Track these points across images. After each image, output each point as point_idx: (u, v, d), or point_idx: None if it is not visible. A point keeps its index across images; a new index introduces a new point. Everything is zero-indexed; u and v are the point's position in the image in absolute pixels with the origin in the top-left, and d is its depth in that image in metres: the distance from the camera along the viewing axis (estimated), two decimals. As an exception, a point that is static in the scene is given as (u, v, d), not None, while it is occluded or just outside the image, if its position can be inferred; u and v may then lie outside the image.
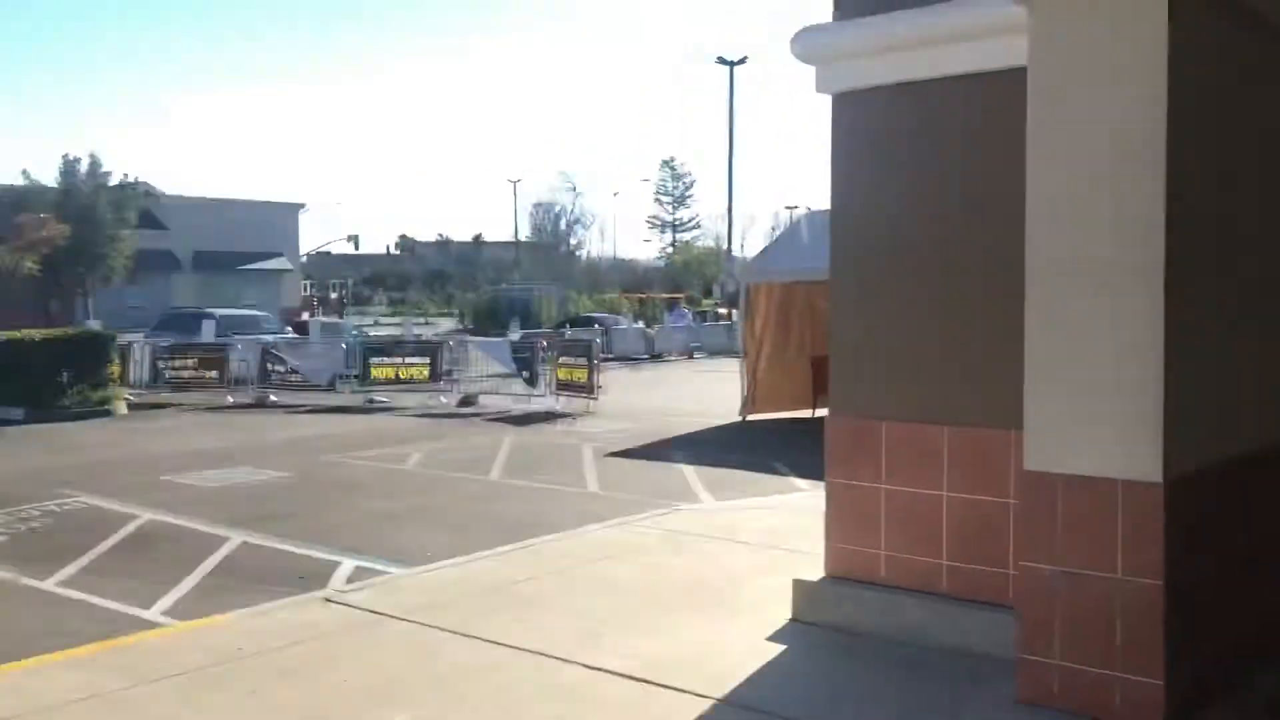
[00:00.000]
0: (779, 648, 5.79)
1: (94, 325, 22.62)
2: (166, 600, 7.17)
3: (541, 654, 5.68)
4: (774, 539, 8.18)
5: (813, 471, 9.73)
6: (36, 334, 19.65)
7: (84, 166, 39.61)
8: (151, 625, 6.66)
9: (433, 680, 5.34)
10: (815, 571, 6.34)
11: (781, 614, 6.28)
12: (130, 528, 9.45)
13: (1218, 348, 4.35)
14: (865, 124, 6.21)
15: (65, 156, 39.80)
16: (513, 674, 5.42)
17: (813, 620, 6.16)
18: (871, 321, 6.19)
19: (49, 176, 39.31)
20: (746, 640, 5.88)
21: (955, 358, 5.86)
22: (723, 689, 5.14)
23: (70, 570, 7.99)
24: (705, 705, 4.96)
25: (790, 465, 12.33)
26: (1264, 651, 4.81)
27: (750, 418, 17.13)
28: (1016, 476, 5.59)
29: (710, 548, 8.04)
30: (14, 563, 8.21)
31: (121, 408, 19.37)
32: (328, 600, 6.81)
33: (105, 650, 6.02)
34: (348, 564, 8.10)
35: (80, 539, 8.96)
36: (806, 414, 17.01)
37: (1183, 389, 4.06)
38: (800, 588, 6.28)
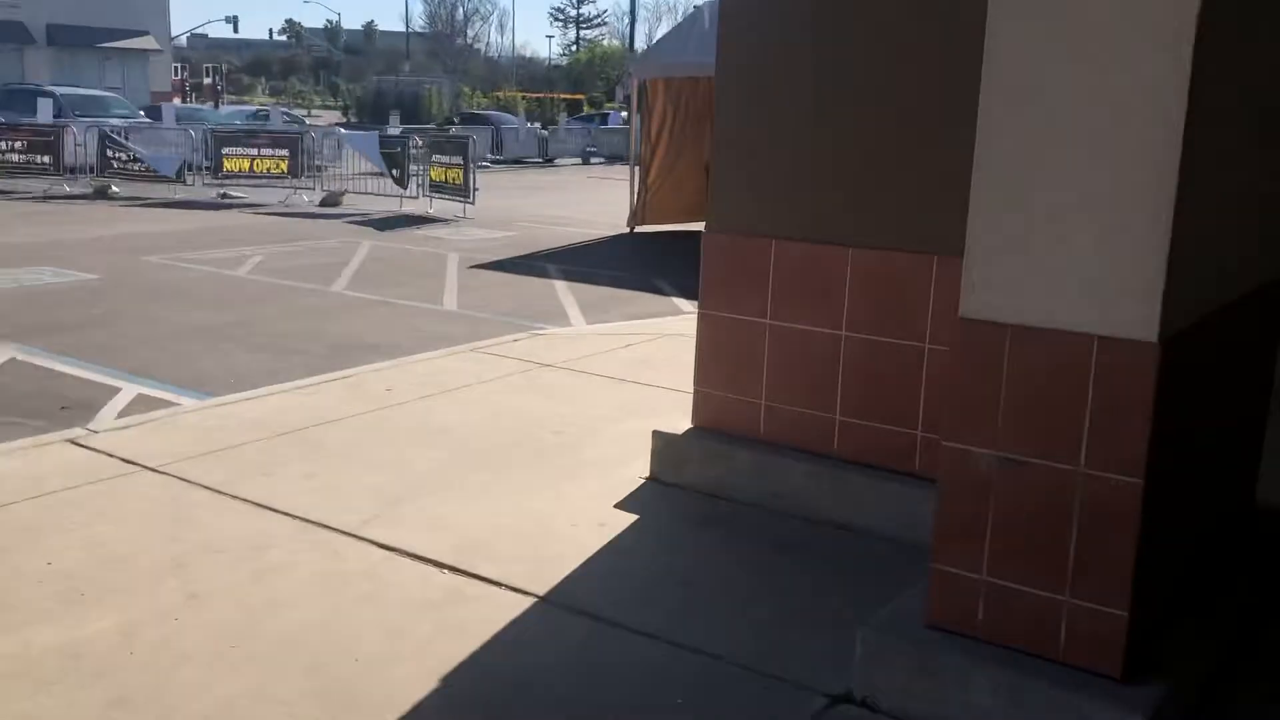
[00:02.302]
0: (628, 519, 4.63)
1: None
2: (-127, 437, 5.67)
3: (326, 526, 4.42)
4: (645, 373, 6.98)
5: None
6: None
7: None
8: None
9: (164, 565, 4.04)
10: (683, 420, 5.15)
11: (639, 472, 5.11)
12: (-128, 339, 7.80)
13: (1214, 178, 3.07)
14: None
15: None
16: (277, 557, 4.15)
17: (675, 481, 5.00)
18: (764, 118, 4.80)
19: None
20: (589, 509, 4.69)
21: (866, 163, 4.54)
22: (546, 580, 3.96)
23: None
24: (517, 607, 3.77)
25: (676, 285, 11.09)
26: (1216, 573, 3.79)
27: (639, 229, 15.76)
28: (935, 314, 4.43)
29: (569, 383, 6.79)
30: None
31: (-69, 194, 17.09)
32: (73, 442, 5.40)
33: None
34: (129, 390, 6.67)
35: None
36: (699, 227, 15.70)
37: (1187, 219, 2.83)
38: (661, 442, 5.09)
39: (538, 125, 38.69)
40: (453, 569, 4.05)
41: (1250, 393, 4.06)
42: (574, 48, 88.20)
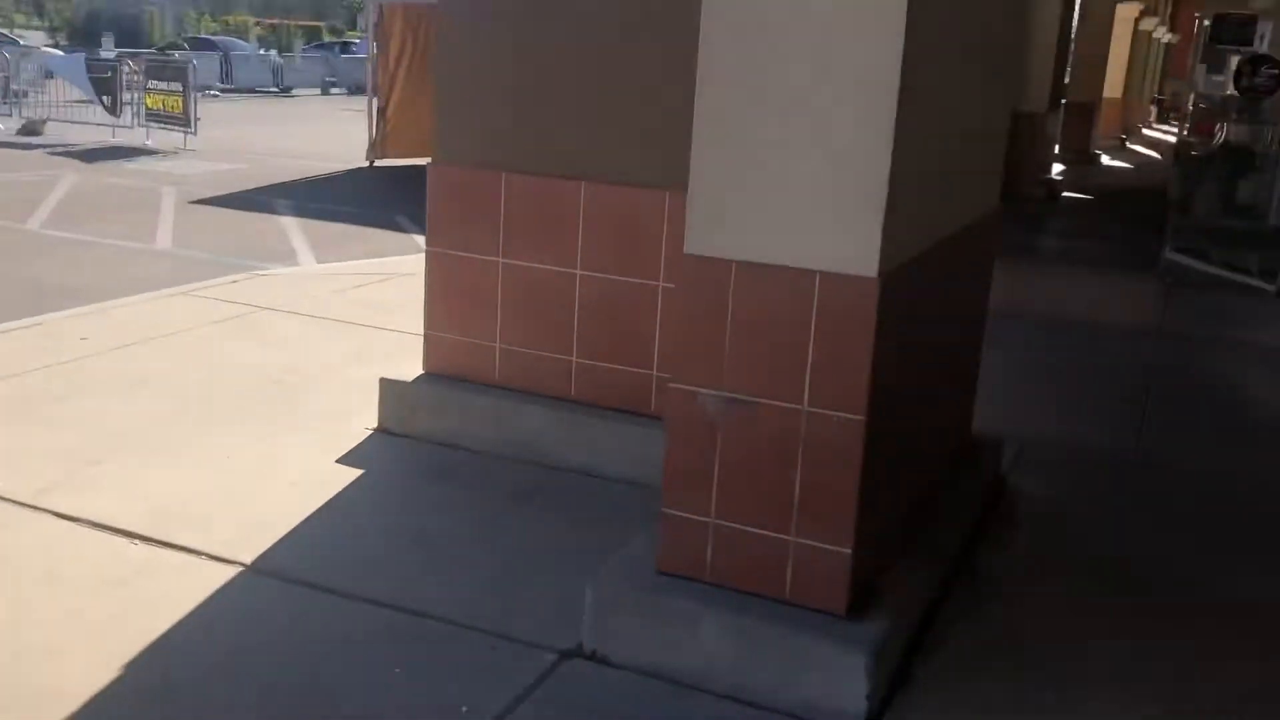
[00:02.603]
0: (353, 474, 4.32)
1: None
2: None
3: (1, 498, 3.88)
4: (378, 315, 6.59)
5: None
6: None
7: None
8: None
9: None
10: (415, 366, 4.86)
11: (366, 423, 4.79)
12: None
13: (929, 113, 3.06)
14: None
15: None
16: (-68, 536, 3.60)
17: (405, 432, 4.72)
18: (488, 45, 4.52)
19: None
20: (310, 465, 4.34)
21: (596, 94, 4.35)
22: (256, 546, 3.61)
23: None
24: (221, 578, 3.41)
25: (416, 221, 10.59)
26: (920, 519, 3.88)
27: (379, 163, 15.09)
28: (668, 252, 4.32)
29: (293, 328, 6.33)
30: None
31: None
32: None
33: None
34: None
35: None
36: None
37: (905, 154, 2.79)
38: (389, 390, 4.78)
39: (273, 53, 36.42)
40: (147, 539, 3.63)
41: (965, 326, 4.19)
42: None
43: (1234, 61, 12.35)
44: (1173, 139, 24.60)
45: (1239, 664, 3.27)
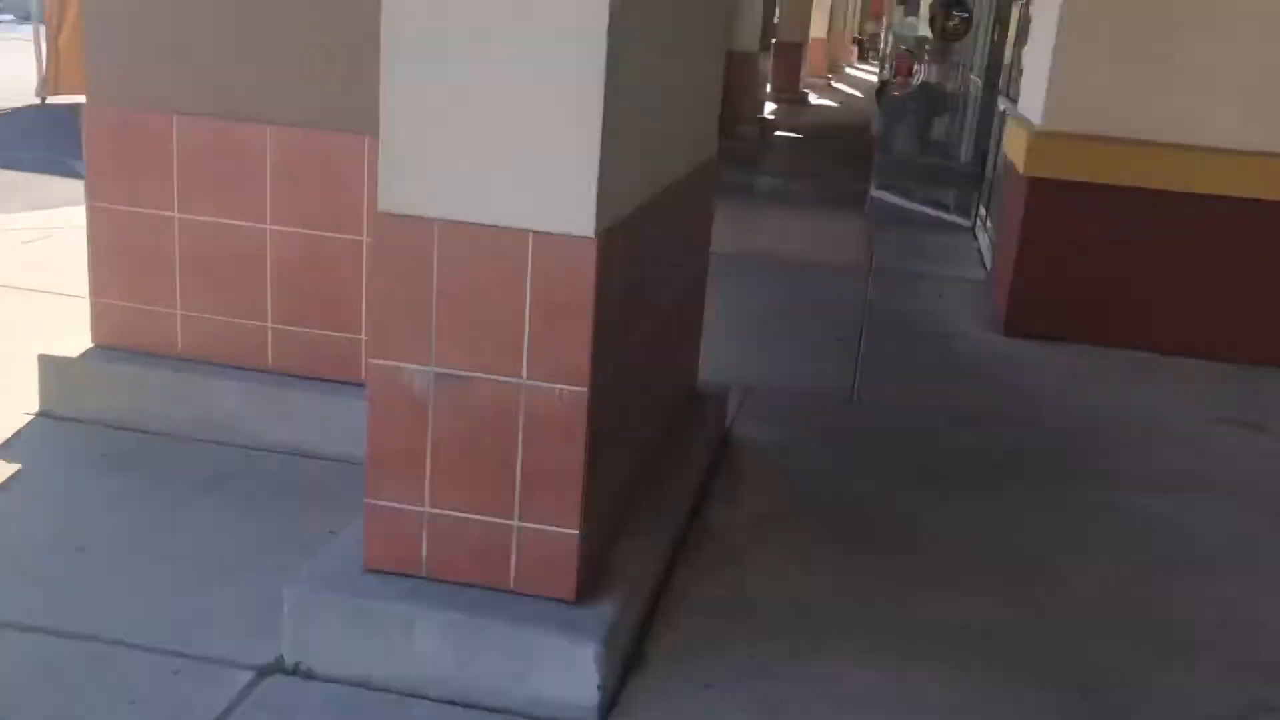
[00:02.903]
0: (7, 470, 3.69)
1: None
2: None
3: None
4: (42, 278, 5.78)
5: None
6: None
7: None
8: None
9: None
10: (83, 339, 4.24)
11: (26, 407, 4.14)
12: None
13: (641, 59, 2.83)
14: None
15: None
16: None
17: (72, 415, 4.10)
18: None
19: None
20: (-50, 462, 3.70)
21: (281, 23, 3.87)
22: (-125, 572, 3.00)
23: None
24: None
25: (94, 165, 9.51)
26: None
27: (52, 100, 13.45)
28: (372, 205, 3.91)
29: (-64, 293, 5.45)
30: None
31: None
32: None
33: None
34: None
35: None
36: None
37: (618, 102, 2.55)
38: (52, 367, 4.15)
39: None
40: None
41: (689, 278, 4.05)
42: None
43: (927, 5, 12.96)
44: (874, 78, 25.91)
45: (966, 609, 3.32)
